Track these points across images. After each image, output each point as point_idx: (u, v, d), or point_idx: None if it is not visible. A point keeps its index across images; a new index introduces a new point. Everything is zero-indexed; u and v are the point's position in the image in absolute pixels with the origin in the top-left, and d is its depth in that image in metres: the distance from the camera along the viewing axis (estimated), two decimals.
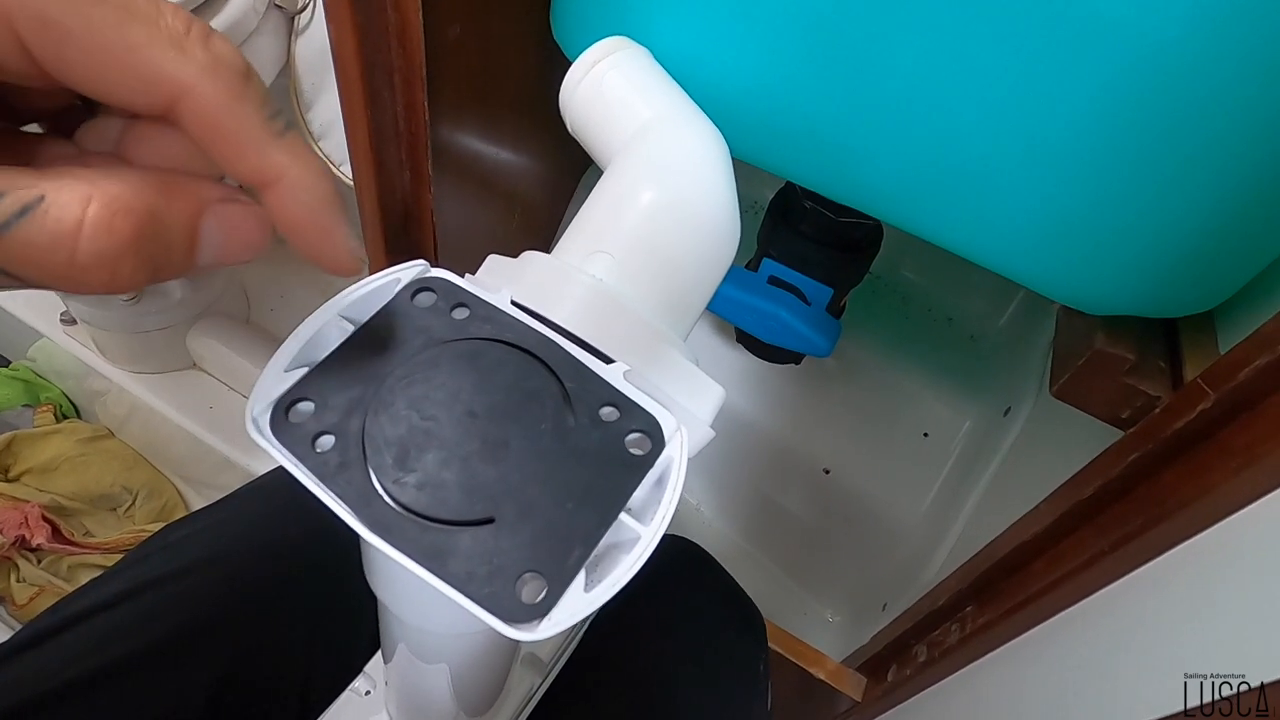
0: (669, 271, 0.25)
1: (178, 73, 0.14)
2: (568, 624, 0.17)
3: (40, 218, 0.12)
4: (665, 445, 0.20)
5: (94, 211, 0.13)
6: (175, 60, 0.14)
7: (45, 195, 0.12)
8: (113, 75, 0.13)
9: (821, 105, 0.33)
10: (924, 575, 0.65)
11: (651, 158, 0.27)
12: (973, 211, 0.34)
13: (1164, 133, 0.29)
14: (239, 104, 0.14)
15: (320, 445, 0.19)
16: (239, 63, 0.14)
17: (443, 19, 0.38)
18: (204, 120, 0.14)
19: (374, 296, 0.22)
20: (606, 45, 0.31)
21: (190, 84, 0.14)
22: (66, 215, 0.12)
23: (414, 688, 0.32)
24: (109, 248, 0.13)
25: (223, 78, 0.14)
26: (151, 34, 0.13)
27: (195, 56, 0.14)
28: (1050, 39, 0.28)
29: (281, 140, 0.15)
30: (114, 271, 0.13)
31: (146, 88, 0.14)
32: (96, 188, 0.13)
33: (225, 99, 0.14)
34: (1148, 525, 0.32)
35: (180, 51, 0.14)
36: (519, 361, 0.21)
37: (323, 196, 0.16)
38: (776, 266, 0.58)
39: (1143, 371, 0.36)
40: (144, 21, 0.13)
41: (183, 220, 0.14)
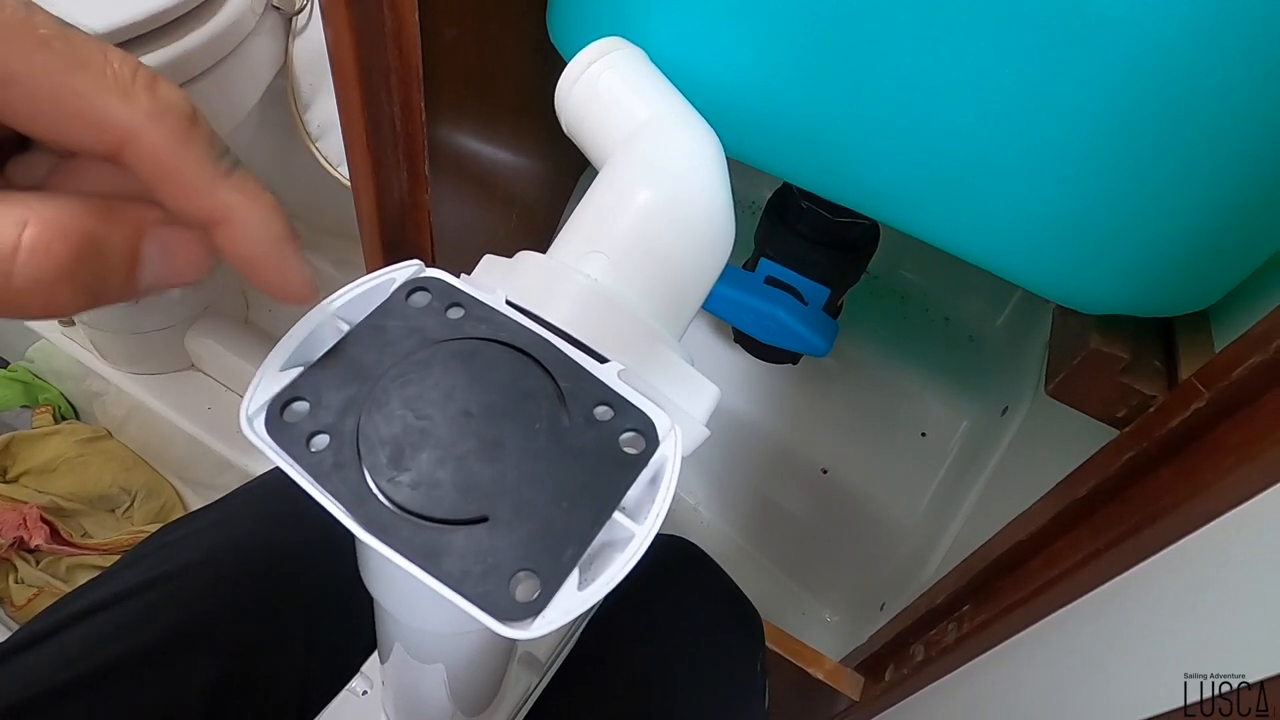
0: (664, 271, 0.26)
1: (124, 118, 0.14)
2: (562, 622, 0.17)
3: None
4: (659, 444, 0.20)
5: (30, 235, 0.12)
6: (121, 106, 0.14)
7: None
8: (59, 119, 0.14)
9: (817, 104, 0.33)
10: (922, 575, 0.65)
11: (647, 158, 0.27)
12: (969, 211, 0.34)
13: (1159, 133, 0.29)
14: (185, 147, 0.14)
15: (315, 445, 0.19)
16: (185, 107, 0.15)
17: (439, 20, 0.38)
18: (150, 163, 0.14)
19: (369, 296, 0.22)
20: (602, 46, 0.31)
21: (136, 129, 0.14)
22: (1, 238, 0.12)
23: (410, 687, 0.32)
24: (46, 272, 0.13)
25: (168, 122, 0.14)
26: (98, 80, 0.13)
27: (141, 102, 0.14)
28: (1046, 38, 0.28)
29: (229, 180, 0.15)
30: (50, 296, 0.13)
31: (93, 132, 0.14)
32: (32, 211, 0.13)
33: (170, 142, 0.14)
34: (1143, 524, 0.32)
35: (126, 98, 0.14)
36: (514, 361, 0.21)
37: (273, 233, 0.16)
38: (773, 266, 0.58)
39: (1138, 371, 0.36)
40: (90, 68, 0.13)
41: (122, 243, 0.14)
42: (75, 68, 0.13)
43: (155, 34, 0.52)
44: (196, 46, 0.54)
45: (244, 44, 0.60)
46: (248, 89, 0.63)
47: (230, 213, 0.15)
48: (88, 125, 0.14)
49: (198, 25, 0.55)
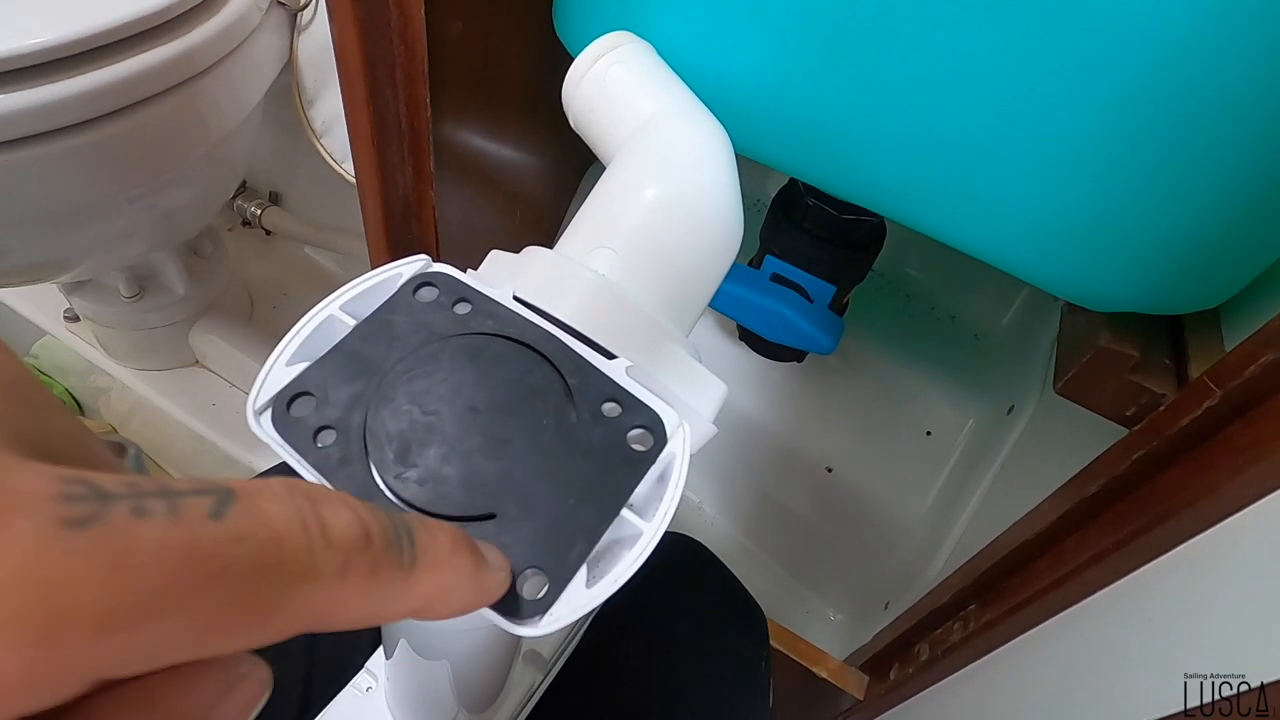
0: (672, 267, 0.25)
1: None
2: (569, 620, 0.17)
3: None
4: (667, 441, 0.20)
5: None
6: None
7: None
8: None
9: (827, 101, 0.32)
10: (926, 574, 0.65)
11: (654, 153, 0.27)
12: (979, 208, 0.34)
13: (1170, 130, 0.29)
14: (374, 580, 0.12)
15: (322, 439, 0.19)
16: (356, 534, 0.12)
17: (445, 15, 0.38)
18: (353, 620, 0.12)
19: (376, 291, 0.22)
20: (609, 40, 0.31)
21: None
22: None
23: (415, 684, 0.32)
24: None
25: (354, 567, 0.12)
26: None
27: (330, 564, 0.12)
28: (1057, 35, 0.28)
29: (415, 569, 0.13)
30: None
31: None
32: None
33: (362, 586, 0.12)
34: (1152, 523, 0.32)
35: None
36: (521, 357, 0.21)
37: (473, 579, 0.15)
38: (779, 264, 0.58)
39: (1148, 369, 0.36)
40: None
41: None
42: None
43: (160, 29, 0.52)
44: (201, 42, 0.54)
45: (249, 40, 0.60)
46: (252, 85, 0.63)
47: (430, 597, 0.14)
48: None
49: (202, 21, 0.55)
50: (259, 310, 0.94)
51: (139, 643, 0.10)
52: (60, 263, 0.65)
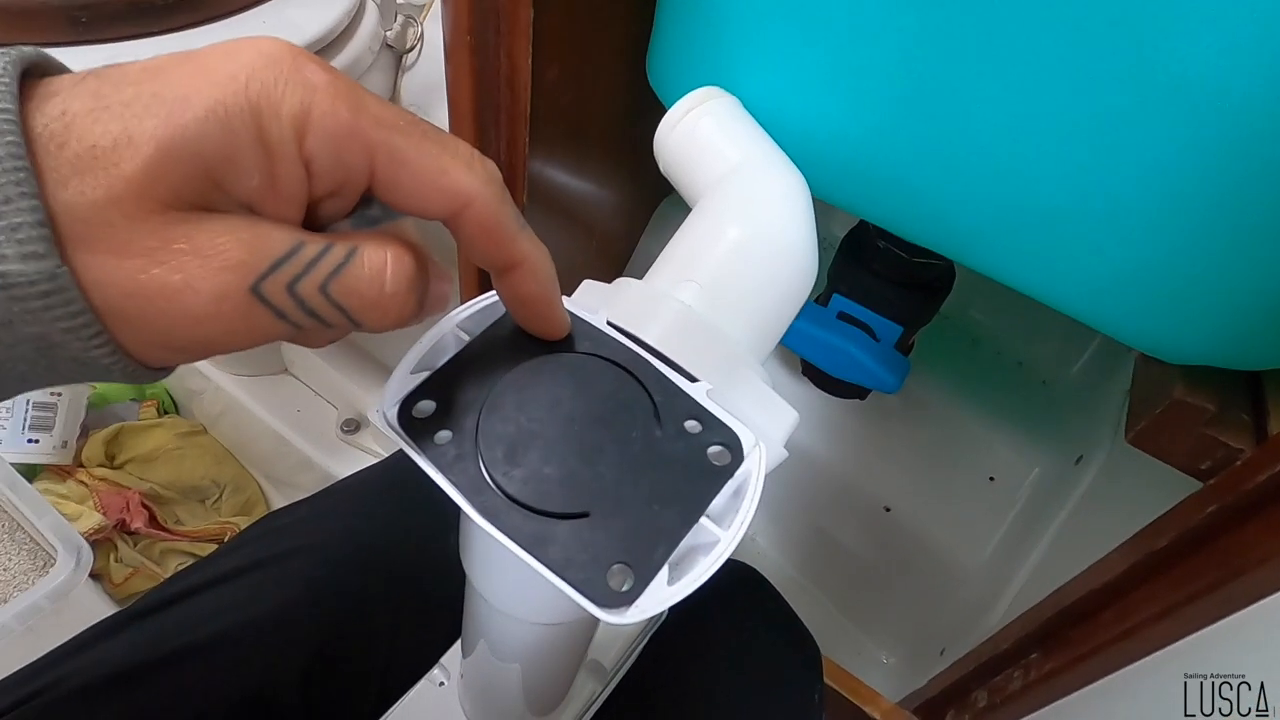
0: (750, 301, 0.27)
1: (470, 185, 0.18)
2: (653, 612, 0.19)
3: (361, 259, 0.17)
4: (744, 459, 0.22)
5: (392, 253, 0.17)
6: (468, 177, 0.18)
7: (359, 246, 0.17)
8: (426, 190, 0.18)
9: (901, 151, 0.34)
10: (985, 622, 0.64)
11: (738, 197, 0.29)
12: (1052, 257, 0.35)
13: (1248, 185, 0.29)
14: (504, 206, 0.19)
15: (439, 439, 0.21)
16: (500, 177, 0.19)
17: (545, 62, 0.41)
18: (481, 219, 0.19)
19: (488, 312, 0.25)
20: (700, 94, 0.34)
21: (476, 193, 0.18)
22: (377, 255, 0.17)
23: (487, 682, 0.34)
24: (405, 280, 0.17)
25: (494, 188, 0.19)
26: (455, 160, 0.18)
27: (479, 173, 0.18)
28: (1133, 95, 0.29)
29: (525, 233, 0.20)
30: (405, 303, 0.18)
31: (447, 200, 0.18)
32: (385, 239, 0.18)
33: (496, 203, 0.19)
34: (1224, 579, 0.32)
35: (470, 169, 0.18)
36: (614, 375, 0.23)
37: (551, 276, 0.21)
38: (846, 303, 0.59)
39: (1224, 423, 0.36)
40: (450, 150, 0.18)
41: (425, 271, 0.19)
42: (443, 152, 0.18)
43: None
44: None
45: (360, 80, 0.65)
46: None
47: (525, 258, 0.20)
48: (446, 194, 0.18)
49: None
50: None
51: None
52: None
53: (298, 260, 0.16)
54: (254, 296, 0.16)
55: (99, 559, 0.83)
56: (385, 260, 0.17)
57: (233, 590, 0.36)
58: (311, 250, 0.17)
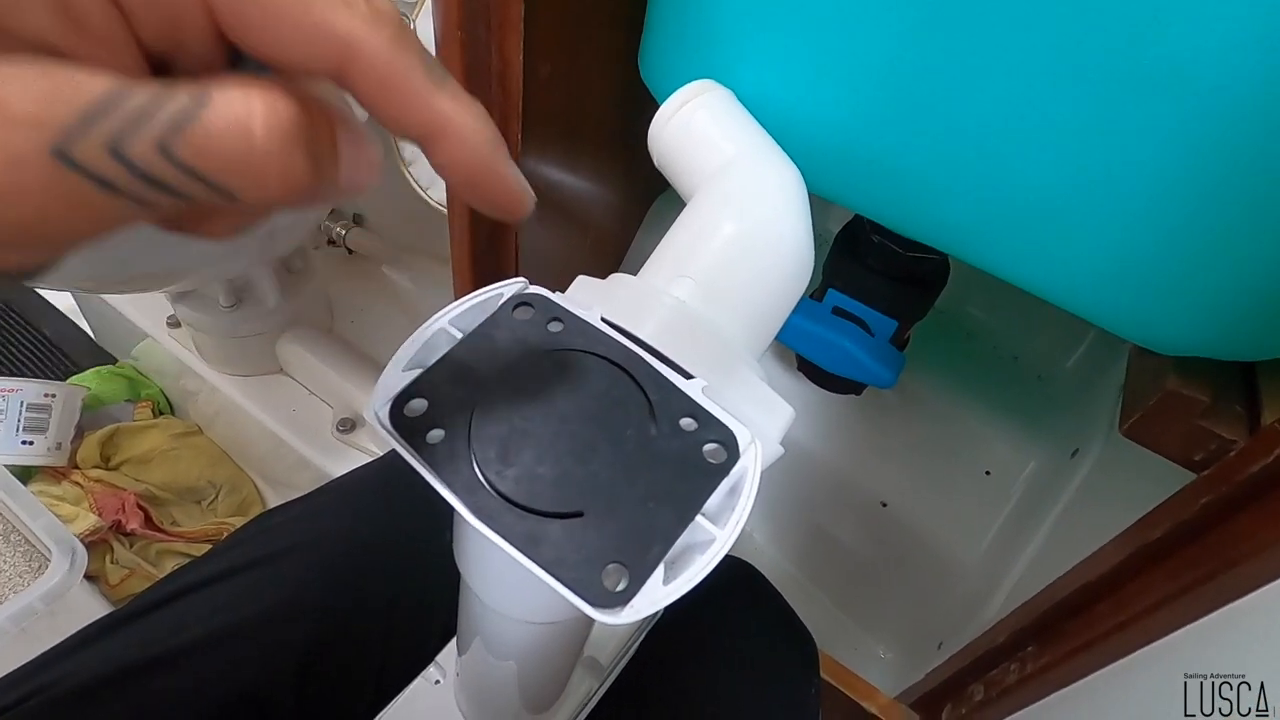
0: (746, 297, 0.27)
1: (348, 27, 0.14)
2: (647, 612, 0.19)
3: (215, 106, 0.12)
4: (740, 456, 0.22)
5: (259, 99, 0.13)
6: (345, 16, 0.14)
7: (212, 89, 0.13)
8: (288, 34, 0.14)
9: (896, 144, 0.34)
10: (982, 615, 0.64)
11: (733, 192, 0.29)
12: (1045, 249, 0.35)
13: (1240, 174, 0.29)
14: (404, 54, 0.15)
15: (431, 437, 0.21)
16: (396, 15, 0.15)
17: (537, 59, 0.41)
18: (374, 74, 0.15)
19: (479, 309, 0.25)
20: (694, 88, 0.33)
21: (360, 36, 0.14)
22: (237, 101, 0.13)
23: (483, 680, 0.33)
24: (280, 132, 0.13)
25: (387, 29, 0.14)
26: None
27: (360, 10, 0.14)
28: (1126, 85, 0.29)
29: (443, 88, 0.15)
30: (288, 159, 0.13)
31: (319, 45, 0.14)
32: (254, 83, 0.13)
33: (390, 49, 0.14)
34: (1219, 570, 0.32)
35: (351, 8, 0.14)
36: (608, 373, 0.23)
37: (491, 140, 0.16)
38: (841, 298, 0.59)
39: (1217, 414, 0.36)
40: None
41: (327, 126, 0.14)
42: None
43: None
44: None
45: None
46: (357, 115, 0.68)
47: (448, 122, 0.15)
48: (315, 37, 0.14)
49: None
50: (338, 323, 1.00)
51: None
52: (174, 274, 0.71)
53: (118, 112, 0.12)
54: (60, 161, 0.12)
55: (95, 561, 0.82)
56: (250, 106, 0.13)
57: (226, 590, 0.36)
58: (139, 98, 0.12)
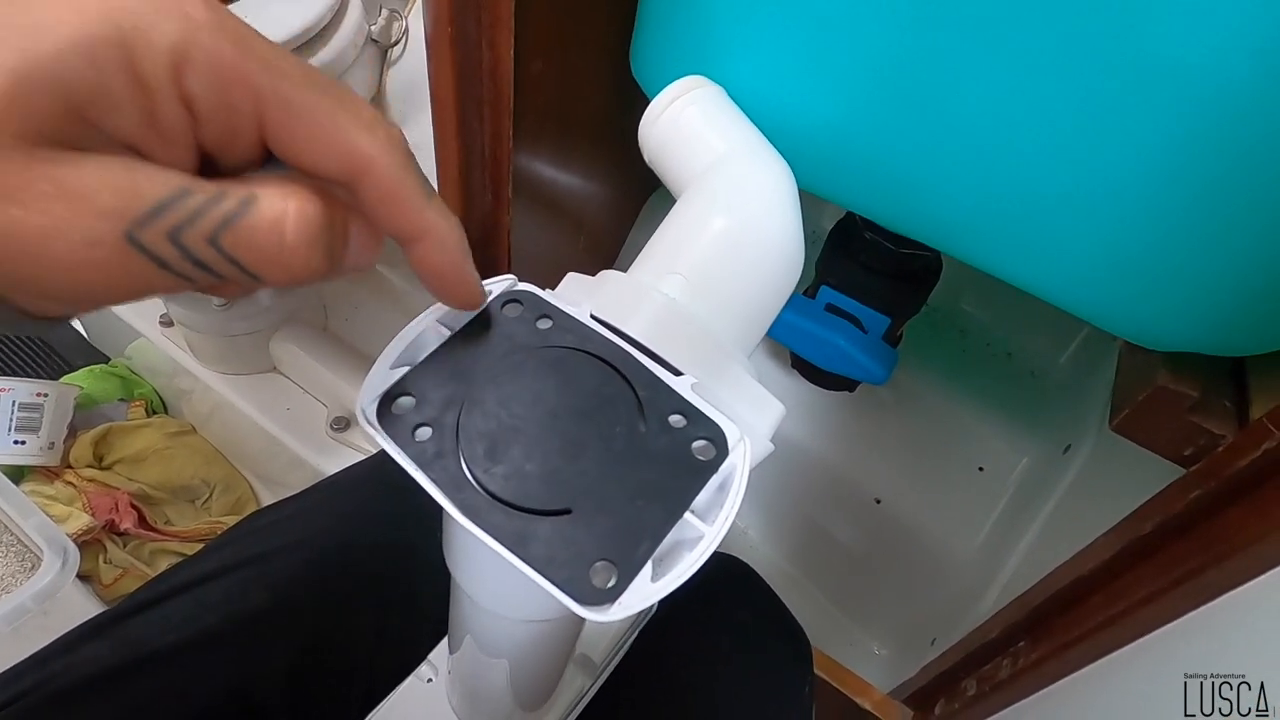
0: (736, 293, 0.27)
1: (369, 149, 0.17)
2: (636, 609, 0.19)
3: (258, 209, 0.16)
4: (729, 453, 0.22)
5: (294, 204, 0.16)
6: (369, 140, 0.17)
7: (257, 193, 0.16)
8: (321, 151, 0.17)
9: (887, 141, 0.34)
10: (975, 611, 0.64)
11: (723, 188, 0.29)
12: (1037, 245, 0.35)
13: (1230, 171, 0.29)
14: (408, 175, 0.18)
15: (419, 435, 0.21)
16: (405, 142, 0.18)
17: (529, 55, 0.41)
18: (382, 186, 0.18)
19: None
20: (685, 84, 0.33)
21: (376, 157, 0.17)
22: (276, 206, 0.16)
23: (475, 678, 0.33)
24: (307, 234, 0.16)
25: (397, 154, 0.18)
26: (354, 119, 0.17)
27: (380, 137, 0.17)
28: (1117, 81, 0.29)
29: (432, 202, 0.19)
30: (309, 255, 0.16)
31: (345, 161, 0.17)
32: (290, 188, 0.16)
33: (398, 169, 0.18)
34: (1209, 564, 0.32)
35: (371, 133, 0.17)
36: (597, 370, 0.23)
37: (461, 247, 0.20)
38: (834, 294, 0.59)
39: (1207, 409, 0.36)
40: (349, 109, 0.17)
41: (341, 221, 0.17)
42: (340, 109, 0.17)
43: None
44: None
45: (345, 75, 0.65)
46: None
47: (432, 229, 0.19)
48: (343, 155, 0.17)
49: (307, 58, 0.60)
50: (332, 321, 0.99)
51: None
52: None
53: (181, 207, 0.15)
54: (130, 244, 0.15)
55: (88, 560, 0.82)
56: (285, 211, 0.16)
57: (217, 588, 0.36)
58: (199, 197, 0.15)
